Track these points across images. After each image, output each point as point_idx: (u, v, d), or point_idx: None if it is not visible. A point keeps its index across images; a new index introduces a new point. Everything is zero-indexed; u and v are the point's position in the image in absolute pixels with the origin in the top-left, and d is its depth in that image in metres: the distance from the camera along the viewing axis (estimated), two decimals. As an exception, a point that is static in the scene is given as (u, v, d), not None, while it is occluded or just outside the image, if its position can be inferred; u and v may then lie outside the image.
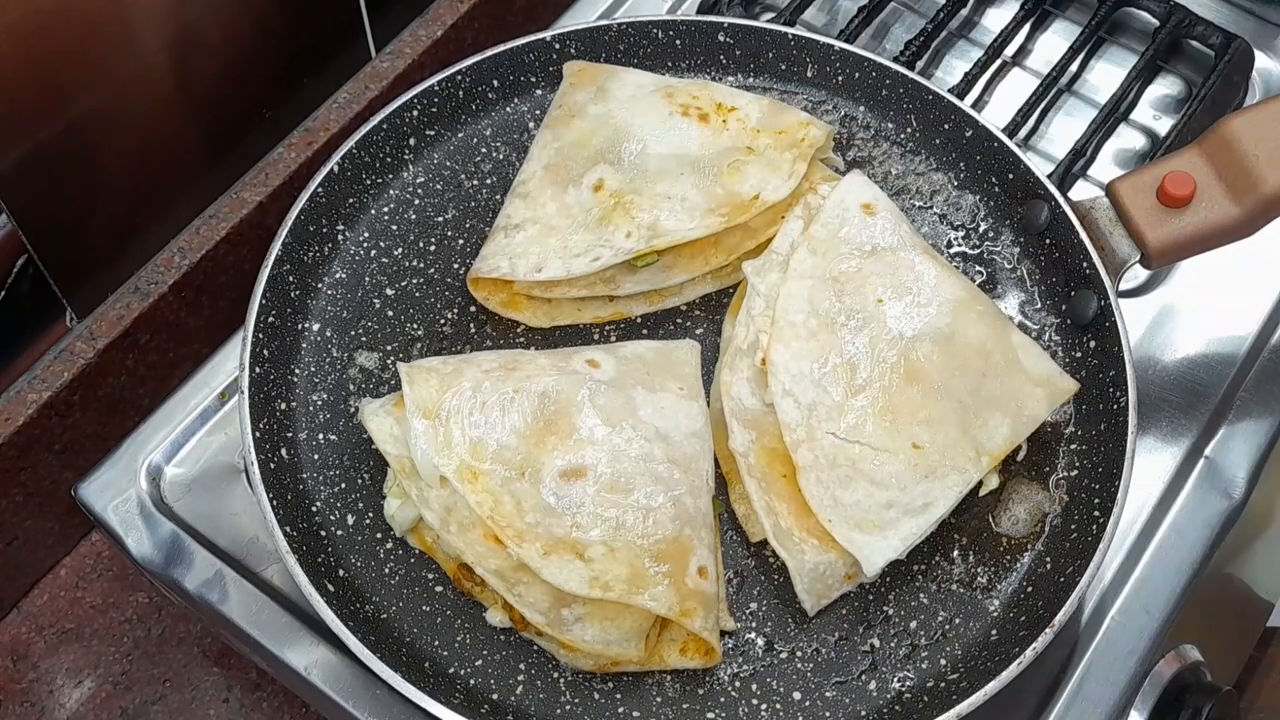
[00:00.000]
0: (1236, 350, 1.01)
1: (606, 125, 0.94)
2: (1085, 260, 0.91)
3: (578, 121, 0.95)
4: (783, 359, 0.84)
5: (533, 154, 0.95)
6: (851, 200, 0.91)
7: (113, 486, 0.91)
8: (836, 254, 0.89)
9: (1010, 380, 0.85)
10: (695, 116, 0.95)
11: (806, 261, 0.88)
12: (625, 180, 0.91)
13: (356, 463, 0.86)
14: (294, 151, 1.02)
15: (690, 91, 0.96)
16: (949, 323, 0.86)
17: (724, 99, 0.96)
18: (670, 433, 0.81)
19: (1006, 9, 1.18)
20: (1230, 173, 0.88)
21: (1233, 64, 1.10)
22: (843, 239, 0.89)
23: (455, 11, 1.09)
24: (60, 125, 0.84)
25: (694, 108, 0.95)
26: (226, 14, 0.93)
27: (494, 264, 0.90)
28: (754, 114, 0.96)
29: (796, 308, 0.86)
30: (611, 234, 0.89)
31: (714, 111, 0.95)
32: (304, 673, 0.84)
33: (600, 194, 0.91)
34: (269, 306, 0.88)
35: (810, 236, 0.89)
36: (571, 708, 0.79)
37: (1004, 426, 0.84)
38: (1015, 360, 0.86)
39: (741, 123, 0.95)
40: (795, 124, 0.95)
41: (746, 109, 0.96)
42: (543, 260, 0.89)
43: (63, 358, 0.92)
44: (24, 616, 0.99)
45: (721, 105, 0.96)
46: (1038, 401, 0.85)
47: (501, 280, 0.91)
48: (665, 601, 0.76)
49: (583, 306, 0.94)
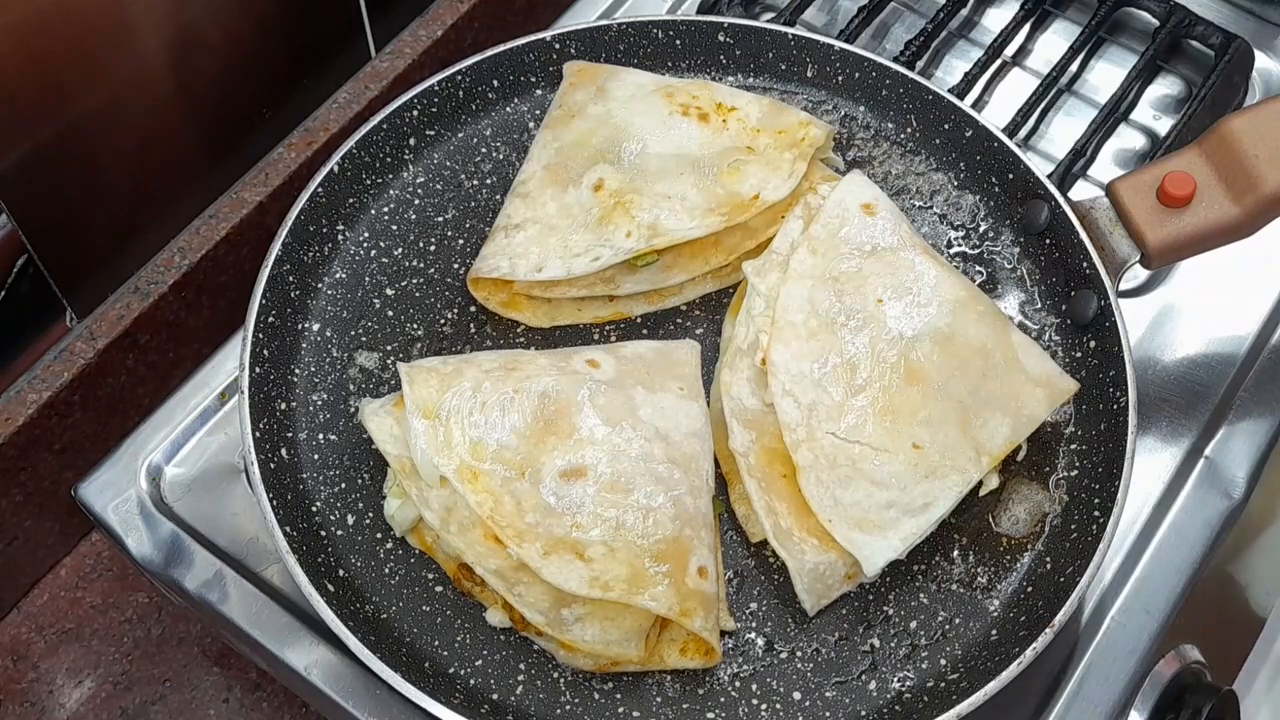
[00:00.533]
0: (1236, 350, 1.01)
1: (607, 125, 0.94)
2: (1085, 260, 0.91)
3: (578, 121, 0.95)
4: (782, 359, 0.84)
5: (533, 154, 0.95)
6: (851, 200, 0.91)
7: (113, 486, 0.91)
8: (836, 254, 0.89)
9: (1010, 380, 0.85)
10: (695, 116, 0.95)
11: (806, 261, 0.88)
12: (625, 180, 0.91)
13: (356, 463, 0.86)
14: (294, 151, 1.02)
15: (690, 91, 0.96)
16: (949, 323, 0.86)
17: (724, 99, 0.96)
18: (670, 433, 0.81)
19: (1006, 9, 1.18)
20: (1230, 173, 0.88)
21: (1233, 64, 1.10)
22: (843, 239, 0.89)
23: (455, 11, 1.09)
24: (60, 125, 0.84)
25: (694, 107, 0.95)
26: (226, 14, 0.93)
27: (494, 264, 0.90)
28: (754, 114, 0.96)
29: (796, 308, 0.86)
30: (612, 233, 0.89)
31: (714, 111, 0.95)
32: (304, 673, 0.84)
33: (600, 194, 0.91)
34: (269, 306, 0.88)
35: (810, 236, 0.89)
36: (571, 708, 0.79)
37: (1004, 426, 0.84)
38: (1015, 360, 0.86)
39: (741, 122, 0.95)
40: (795, 124, 0.95)
41: (746, 109, 0.96)
42: (543, 260, 0.89)
43: (63, 358, 0.92)
44: (24, 616, 0.99)
45: (721, 105, 0.96)
46: (1038, 401, 0.85)
47: (501, 280, 0.91)
48: (665, 601, 0.76)
49: (583, 306, 0.94)
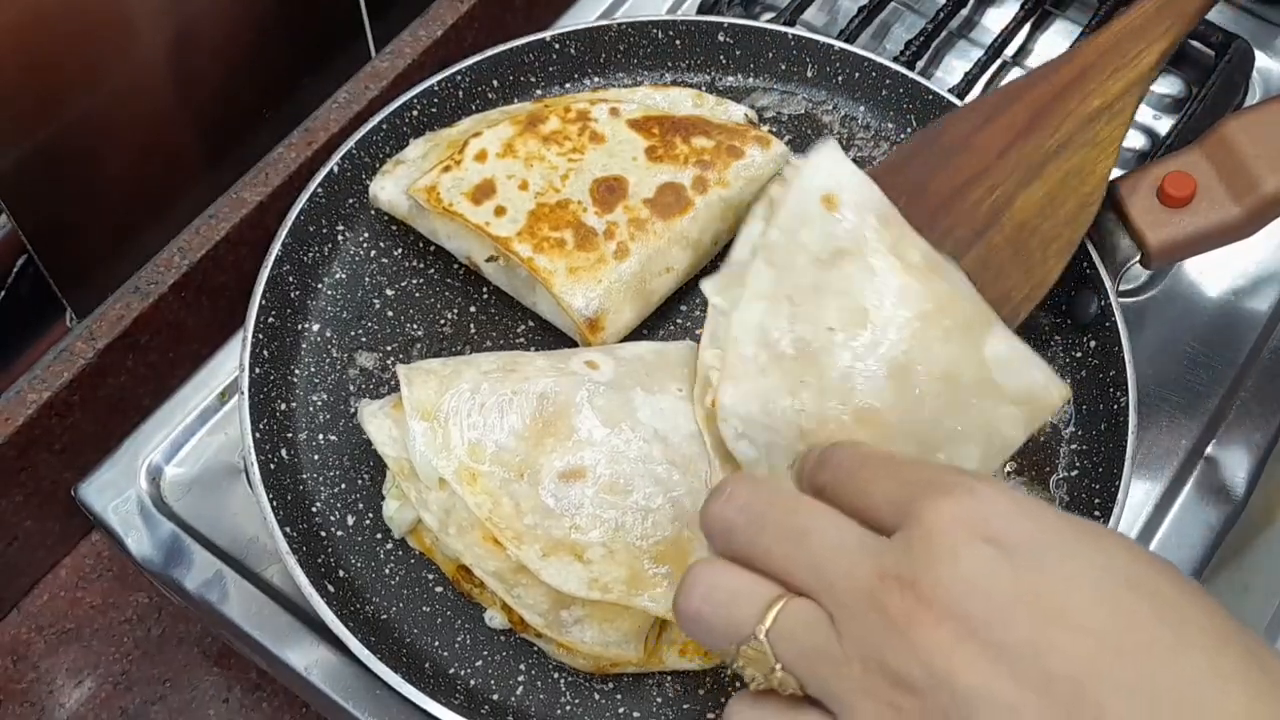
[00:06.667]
0: (1237, 350, 1.01)
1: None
2: (1085, 260, 0.91)
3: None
4: (731, 400, 0.76)
5: None
6: (813, 191, 0.79)
7: (113, 486, 0.91)
8: (793, 266, 0.78)
9: (982, 404, 0.77)
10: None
11: (763, 276, 0.78)
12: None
13: (356, 463, 0.86)
14: (294, 151, 1.02)
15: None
16: (907, 350, 0.76)
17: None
18: (669, 434, 0.81)
19: (1006, 9, 1.18)
20: (1230, 173, 0.88)
21: (1233, 64, 1.10)
22: (801, 245, 0.78)
23: (455, 11, 1.09)
24: (60, 125, 0.84)
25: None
26: (226, 14, 0.93)
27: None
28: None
29: (749, 339, 0.77)
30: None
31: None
32: (304, 673, 0.84)
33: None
34: (269, 307, 0.88)
35: (768, 244, 0.79)
36: (571, 708, 0.79)
37: (971, 459, 0.77)
38: (988, 380, 0.77)
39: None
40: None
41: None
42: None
43: (63, 358, 0.92)
44: (24, 616, 0.99)
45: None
46: (1014, 423, 0.77)
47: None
48: (665, 603, 0.76)
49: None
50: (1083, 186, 0.85)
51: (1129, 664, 0.48)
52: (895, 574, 0.52)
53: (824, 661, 0.53)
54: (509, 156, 0.91)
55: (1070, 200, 0.85)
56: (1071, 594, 0.50)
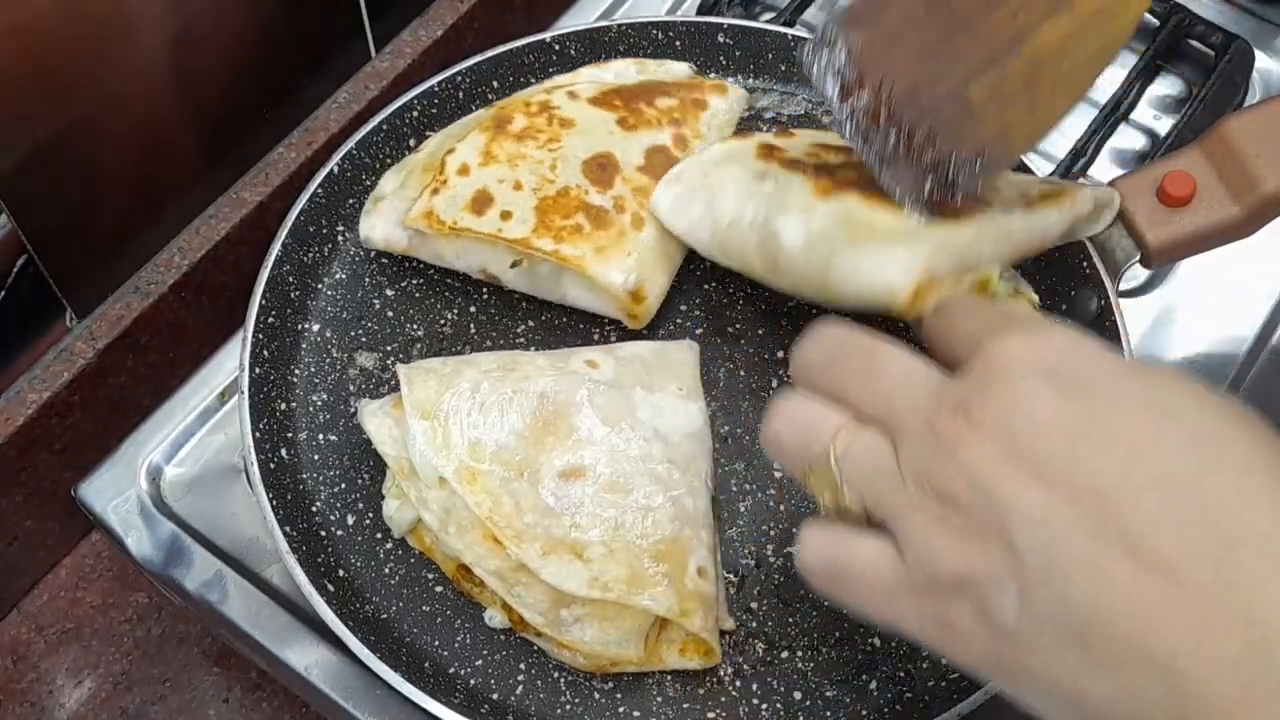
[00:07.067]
0: (1236, 350, 1.01)
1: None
2: (1085, 260, 0.90)
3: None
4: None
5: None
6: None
7: (113, 486, 0.91)
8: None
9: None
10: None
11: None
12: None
13: (356, 463, 0.86)
14: (294, 151, 1.02)
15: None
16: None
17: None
18: (669, 433, 0.81)
19: (1006, 9, 1.18)
20: (1230, 173, 0.88)
21: (1233, 64, 1.10)
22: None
23: (455, 11, 1.09)
24: (60, 125, 0.84)
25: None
26: (227, 14, 0.93)
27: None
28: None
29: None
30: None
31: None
32: (304, 673, 0.84)
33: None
34: (269, 307, 0.88)
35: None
36: (571, 708, 0.79)
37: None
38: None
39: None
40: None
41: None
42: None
43: (63, 358, 0.92)
44: (24, 616, 0.99)
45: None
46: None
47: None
48: (664, 602, 0.76)
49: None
50: (1109, 26, 0.82)
51: (1156, 483, 0.51)
52: (954, 401, 0.55)
53: (883, 480, 0.57)
54: (491, 163, 0.90)
55: (1093, 39, 0.82)
56: (1110, 418, 0.53)
